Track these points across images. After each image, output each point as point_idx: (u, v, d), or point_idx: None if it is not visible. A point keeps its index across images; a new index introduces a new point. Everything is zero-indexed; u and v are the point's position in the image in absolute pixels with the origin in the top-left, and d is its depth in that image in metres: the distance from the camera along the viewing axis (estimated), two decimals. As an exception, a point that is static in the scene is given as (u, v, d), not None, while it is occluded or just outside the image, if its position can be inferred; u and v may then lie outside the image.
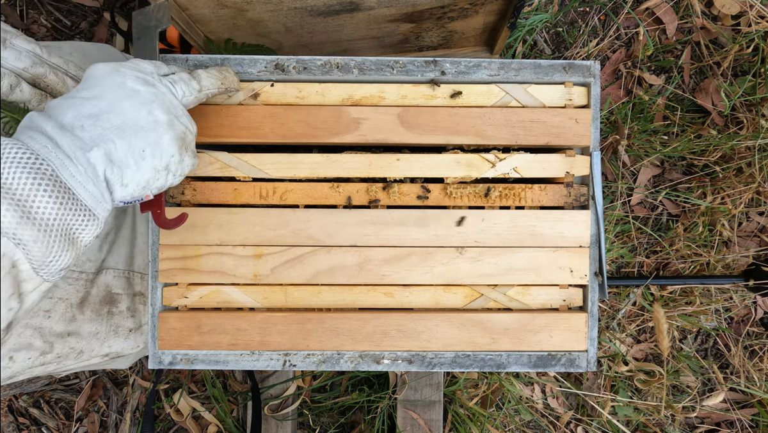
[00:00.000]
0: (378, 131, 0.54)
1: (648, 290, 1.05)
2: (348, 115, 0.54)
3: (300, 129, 0.54)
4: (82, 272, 0.63)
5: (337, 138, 0.54)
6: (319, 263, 0.55)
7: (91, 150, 0.37)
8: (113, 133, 0.38)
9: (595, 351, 0.56)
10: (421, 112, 0.54)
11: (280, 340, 0.55)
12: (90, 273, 0.64)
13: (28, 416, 1.06)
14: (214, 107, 0.54)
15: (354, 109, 0.54)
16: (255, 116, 0.54)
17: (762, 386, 1.02)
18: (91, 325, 0.63)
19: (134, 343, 0.68)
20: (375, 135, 0.54)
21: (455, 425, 0.99)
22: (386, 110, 0.54)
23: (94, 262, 0.64)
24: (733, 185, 0.99)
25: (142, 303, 0.69)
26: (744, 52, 0.99)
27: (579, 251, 0.55)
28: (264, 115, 0.54)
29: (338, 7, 0.66)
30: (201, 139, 0.54)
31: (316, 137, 0.54)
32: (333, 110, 0.54)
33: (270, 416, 0.95)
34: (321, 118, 0.54)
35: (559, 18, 1.05)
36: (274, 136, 0.54)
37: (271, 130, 0.54)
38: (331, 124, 0.54)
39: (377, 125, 0.54)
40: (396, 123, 0.54)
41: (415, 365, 0.55)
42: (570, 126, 0.54)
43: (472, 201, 0.55)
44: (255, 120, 0.54)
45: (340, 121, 0.54)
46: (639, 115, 1.02)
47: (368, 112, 0.54)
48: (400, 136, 0.54)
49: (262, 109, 0.54)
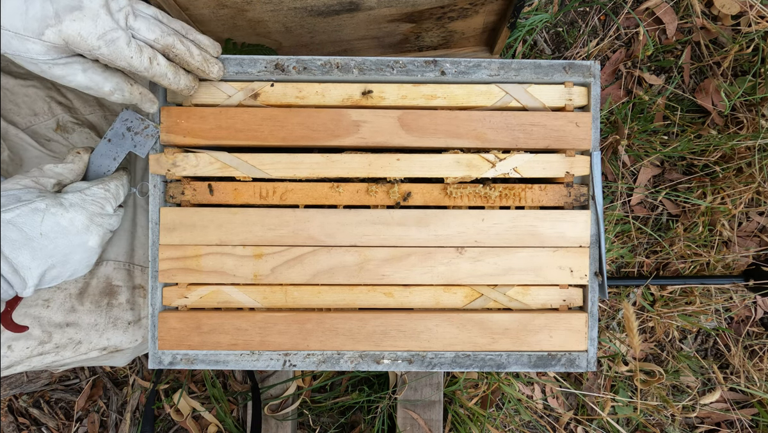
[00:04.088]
0: (378, 134, 0.54)
1: (648, 290, 1.05)
2: (348, 118, 0.54)
3: (300, 131, 0.54)
4: None
5: (337, 141, 0.54)
6: (319, 263, 0.55)
7: None
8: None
9: (595, 351, 0.56)
10: (421, 115, 0.54)
11: (280, 340, 0.55)
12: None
13: (28, 416, 1.06)
14: (212, 109, 0.54)
15: (354, 112, 0.54)
16: (254, 118, 0.54)
17: (762, 386, 1.02)
18: (90, 316, 0.63)
19: (132, 336, 0.68)
20: (375, 138, 0.54)
21: (455, 425, 0.99)
22: (386, 113, 0.54)
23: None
24: (733, 185, 0.99)
25: (142, 296, 0.69)
26: (744, 52, 0.98)
27: (579, 251, 0.55)
28: (263, 117, 0.54)
29: (338, 7, 0.66)
30: (198, 141, 0.54)
31: (316, 140, 0.54)
32: (333, 113, 0.54)
33: (270, 416, 0.95)
34: (321, 120, 0.54)
35: (559, 18, 1.05)
36: (274, 139, 0.54)
37: (270, 132, 0.54)
38: (330, 127, 0.54)
39: (377, 128, 0.54)
40: (396, 126, 0.54)
41: (415, 365, 0.55)
42: (570, 130, 0.54)
43: (472, 201, 0.55)
44: (254, 122, 0.54)
45: (339, 123, 0.54)
46: (639, 115, 1.02)
47: (368, 115, 0.54)
48: (400, 139, 0.54)
49: (261, 112, 0.54)
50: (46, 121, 0.63)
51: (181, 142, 0.54)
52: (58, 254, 0.45)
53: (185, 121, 0.53)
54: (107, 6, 0.42)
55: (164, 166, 0.54)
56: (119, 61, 0.44)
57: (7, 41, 0.40)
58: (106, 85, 0.47)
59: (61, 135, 0.64)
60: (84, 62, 0.45)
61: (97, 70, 0.46)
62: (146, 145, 0.53)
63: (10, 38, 0.40)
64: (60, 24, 0.40)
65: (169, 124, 0.53)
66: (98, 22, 0.41)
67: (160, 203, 0.55)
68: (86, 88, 0.46)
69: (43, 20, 0.40)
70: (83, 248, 0.47)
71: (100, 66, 0.46)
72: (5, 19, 0.39)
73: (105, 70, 0.47)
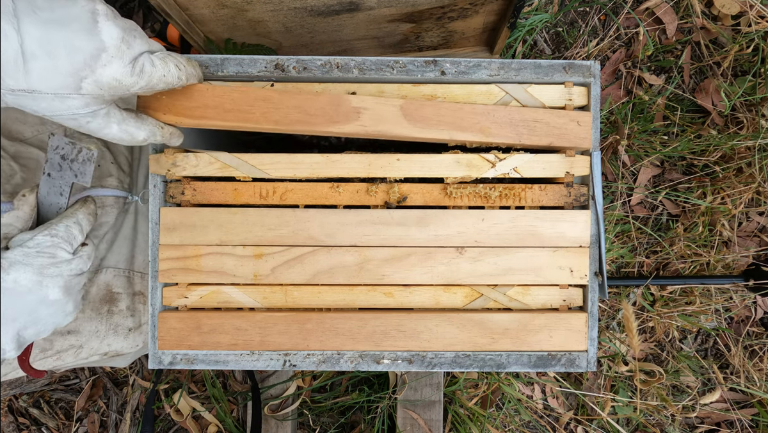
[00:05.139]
0: (379, 122, 0.52)
1: (648, 290, 1.05)
2: (348, 104, 0.52)
3: (295, 115, 0.51)
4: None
5: (336, 127, 0.52)
6: (319, 263, 0.55)
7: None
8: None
9: (595, 351, 0.56)
10: (424, 105, 0.53)
11: (280, 340, 0.55)
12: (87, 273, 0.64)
13: (28, 416, 1.06)
14: (199, 86, 0.50)
15: (354, 98, 0.52)
16: (245, 98, 0.51)
17: (762, 386, 1.02)
18: (91, 323, 0.63)
19: (133, 342, 0.68)
20: (376, 126, 0.52)
21: (455, 425, 0.99)
22: (388, 101, 0.52)
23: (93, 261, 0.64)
24: (733, 185, 0.99)
25: (142, 302, 0.69)
26: (744, 52, 0.99)
27: (579, 251, 0.55)
28: (256, 97, 0.51)
29: (338, 7, 0.66)
30: (180, 119, 0.50)
31: (313, 125, 0.51)
32: (332, 98, 0.52)
33: (270, 416, 0.95)
34: (319, 105, 0.51)
35: (559, 18, 1.05)
36: (266, 122, 0.51)
37: (262, 114, 0.51)
38: (329, 112, 0.52)
39: (379, 116, 0.52)
40: (398, 115, 0.52)
41: (415, 365, 0.55)
42: (572, 128, 0.54)
43: (472, 201, 0.55)
44: (245, 102, 0.51)
45: (339, 109, 0.52)
46: (639, 115, 1.02)
47: (370, 102, 0.52)
48: (402, 128, 0.52)
49: (254, 92, 0.51)
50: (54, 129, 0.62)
51: (161, 118, 0.50)
52: (22, 315, 0.41)
53: (167, 97, 0.50)
54: (125, 40, 0.40)
55: (164, 166, 0.54)
56: (158, 85, 0.42)
57: (48, 104, 0.38)
58: (140, 133, 0.45)
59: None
60: (118, 113, 0.43)
61: (130, 121, 0.44)
62: (87, 173, 0.47)
63: (50, 100, 0.38)
64: (93, 74, 0.38)
65: (148, 98, 0.50)
66: (124, 59, 0.39)
67: (160, 203, 0.55)
68: (120, 139, 0.44)
69: (76, 73, 0.38)
70: (46, 304, 0.42)
71: (132, 116, 0.45)
72: (42, 82, 0.37)
73: (137, 119, 0.45)
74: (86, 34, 0.38)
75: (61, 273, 0.43)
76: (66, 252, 0.43)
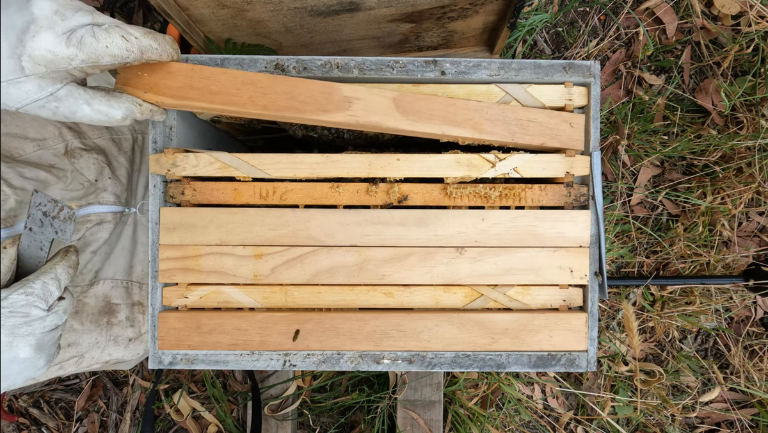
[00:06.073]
0: (371, 113, 0.51)
1: (648, 290, 1.05)
2: (340, 93, 0.51)
3: (284, 101, 0.50)
4: (76, 286, 0.63)
5: (326, 116, 0.51)
6: (319, 262, 0.55)
7: None
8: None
9: (595, 351, 0.56)
10: (418, 99, 0.52)
11: (280, 340, 0.55)
12: (82, 285, 0.63)
13: (28, 416, 1.06)
14: (183, 65, 0.49)
15: (347, 87, 0.51)
16: (233, 81, 0.49)
17: (762, 386, 1.02)
18: (91, 335, 0.63)
19: (134, 351, 0.68)
20: (367, 117, 0.51)
21: (455, 425, 0.99)
22: (382, 92, 0.52)
23: (87, 274, 0.64)
24: (733, 185, 0.99)
25: (141, 312, 0.69)
26: (744, 52, 0.99)
27: (579, 251, 0.55)
28: (244, 81, 0.50)
29: (338, 7, 0.66)
30: (162, 99, 0.49)
31: (303, 112, 0.50)
32: (324, 85, 0.51)
33: (270, 416, 0.95)
34: (309, 92, 0.50)
35: (559, 18, 1.05)
36: (253, 106, 0.50)
37: (250, 98, 0.50)
38: (320, 100, 0.51)
39: (371, 107, 0.51)
40: (391, 107, 0.52)
41: (415, 365, 0.55)
42: (564, 129, 0.54)
43: (472, 201, 0.55)
44: (232, 85, 0.50)
45: (330, 98, 0.51)
46: (639, 115, 1.02)
47: (362, 92, 0.51)
48: (395, 121, 0.52)
49: (242, 75, 0.50)
50: (55, 146, 0.61)
51: (142, 97, 0.49)
52: None
53: (148, 75, 0.48)
54: (58, 12, 0.39)
55: (164, 166, 0.54)
56: (102, 58, 0.40)
57: (7, 95, 0.38)
58: (116, 112, 0.44)
59: (68, 160, 0.62)
60: (83, 92, 0.42)
61: (100, 100, 0.44)
62: (67, 231, 0.48)
63: (7, 89, 0.37)
64: (25, 48, 0.37)
65: (127, 76, 0.48)
66: (56, 29, 0.38)
67: (160, 203, 0.55)
68: (98, 121, 0.44)
69: (13, 52, 0.37)
70: (16, 362, 0.41)
71: (101, 93, 0.44)
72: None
73: (108, 97, 0.44)
74: (19, 11, 0.37)
75: (33, 331, 0.42)
76: (40, 309, 0.42)
